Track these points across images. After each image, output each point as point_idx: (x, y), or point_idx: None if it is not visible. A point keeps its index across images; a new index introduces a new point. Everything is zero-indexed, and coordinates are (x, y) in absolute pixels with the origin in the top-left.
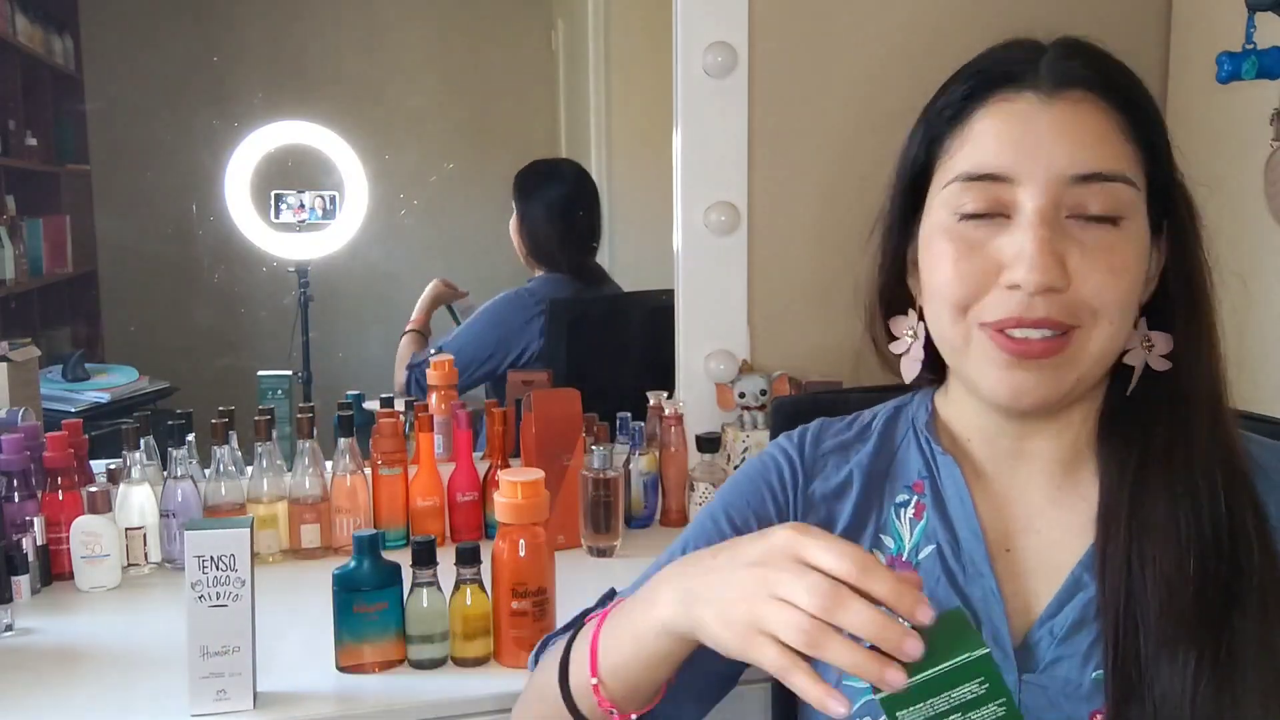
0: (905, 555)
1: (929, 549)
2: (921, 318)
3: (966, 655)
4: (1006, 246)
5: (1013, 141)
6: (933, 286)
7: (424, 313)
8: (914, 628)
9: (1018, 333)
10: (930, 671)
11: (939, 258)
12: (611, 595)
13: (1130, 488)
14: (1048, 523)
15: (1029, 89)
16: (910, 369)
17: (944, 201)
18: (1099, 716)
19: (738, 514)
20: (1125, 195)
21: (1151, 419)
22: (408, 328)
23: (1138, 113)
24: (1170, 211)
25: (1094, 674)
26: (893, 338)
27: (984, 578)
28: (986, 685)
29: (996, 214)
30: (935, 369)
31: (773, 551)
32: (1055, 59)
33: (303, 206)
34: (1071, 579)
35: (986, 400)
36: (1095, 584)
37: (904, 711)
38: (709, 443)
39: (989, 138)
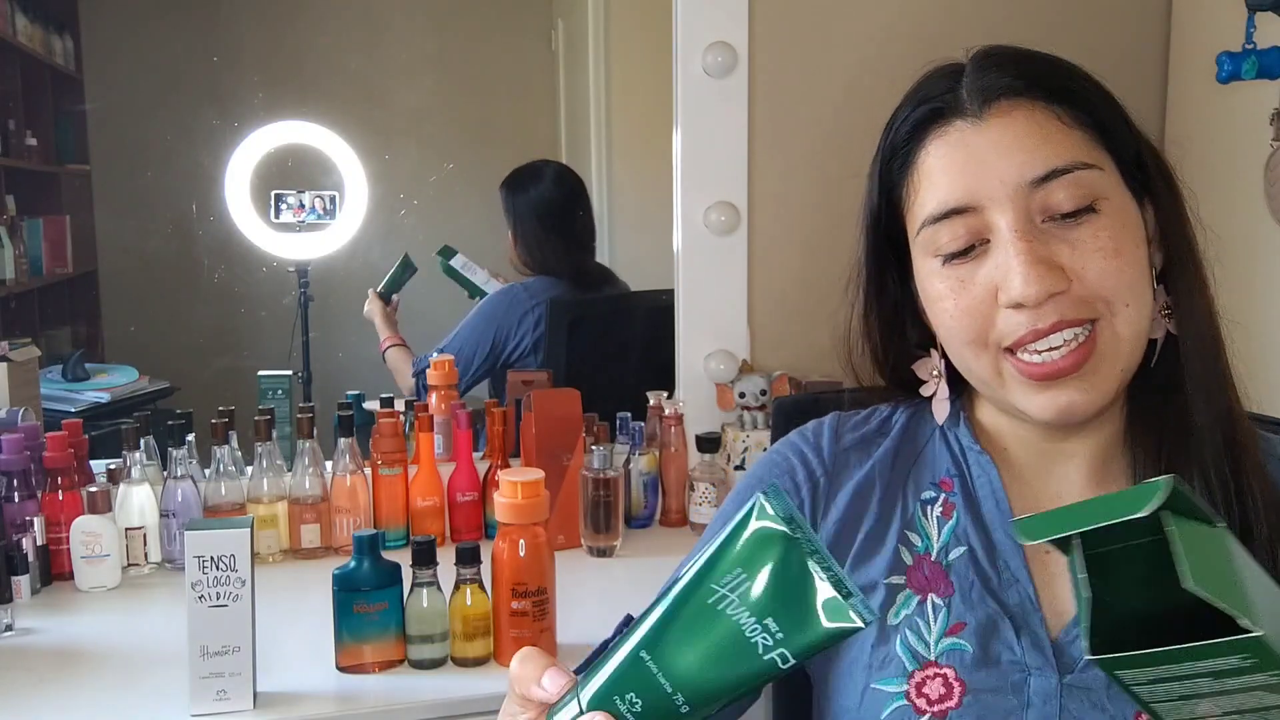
0: (934, 555)
1: (960, 550)
2: (944, 355)
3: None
4: (996, 271)
5: (960, 170)
6: (944, 331)
7: (389, 328)
8: None
9: (1039, 351)
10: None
11: (938, 301)
12: (628, 622)
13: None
14: None
15: (957, 117)
16: (941, 410)
17: (923, 248)
18: (1144, 717)
19: None
20: (1091, 180)
21: (1166, 388)
22: (386, 344)
23: (1074, 99)
24: (1147, 176)
25: None
26: (916, 380)
27: (1020, 584)
28: (1252, 661)
29: (976, 243)
30: (956, 389)
31: None
32: (973, 77)
33: (303, 206)
34: None
35: (1036, 423)
36: None
37: (1130, 671)
38: (709, 443)
39: (939, 175)
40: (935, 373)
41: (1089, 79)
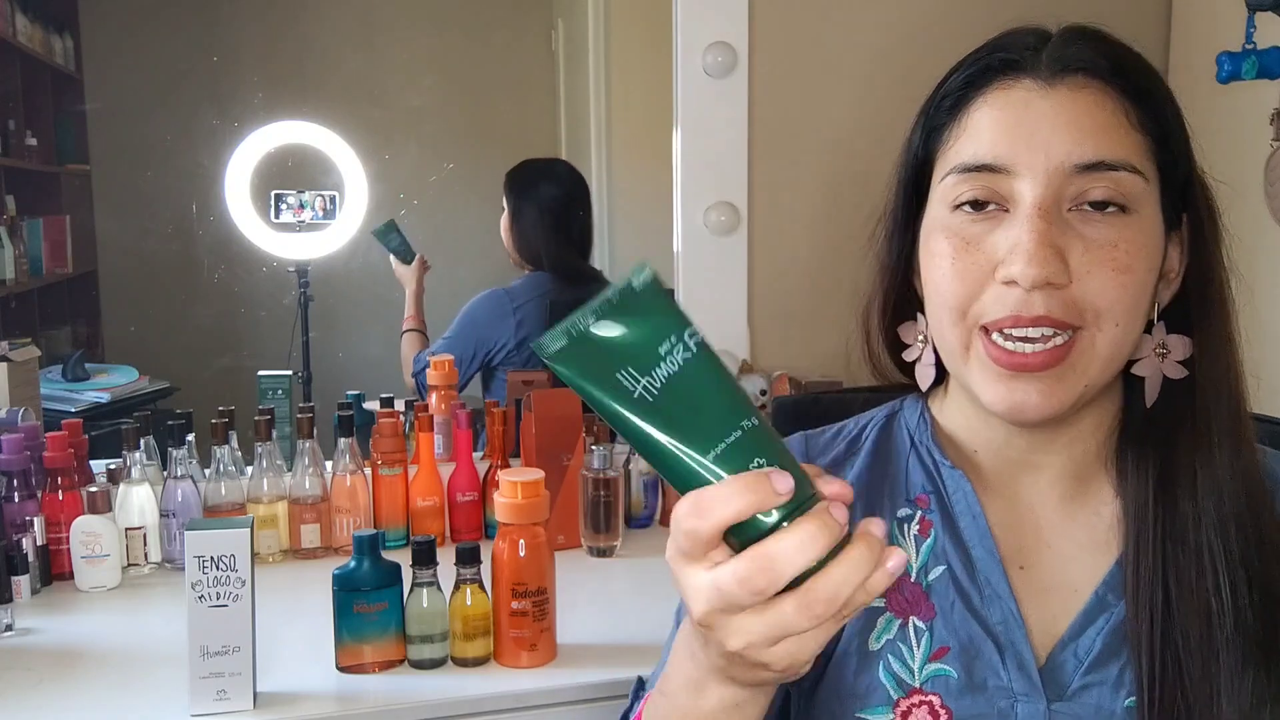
0: (914, 576)
1: (939, 570)
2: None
3: None
4: (1003, 241)
5: (1009, 130)
6: (931, 286)
7: (413, 303)
8: None
9: (1015, 336)
10: None
11: (937, 255)
12: (641, 685)
13: (1156, 507)
14: (1061, 537)
15: (1028, 75)
16: (925, 376)
17: (941, 195)
18: None
19: None
20: (1131, 185)
21: (1171, 431)
22: (405, 326)
23: (1147, 101)
24: (1189, 208)
25: (1127, 701)
26: (900, 344)
27: (1002, 600)
28: None
29: (994, 207)
30: (939, 374)
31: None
32: (1059, 44)
33: (303, 206)
34: (1095, 599)
35: (988, 412)
36: (1122, 606)
37: None
38: None
39: (985, 127)
40: (921, 338)
41: (1168, 92)
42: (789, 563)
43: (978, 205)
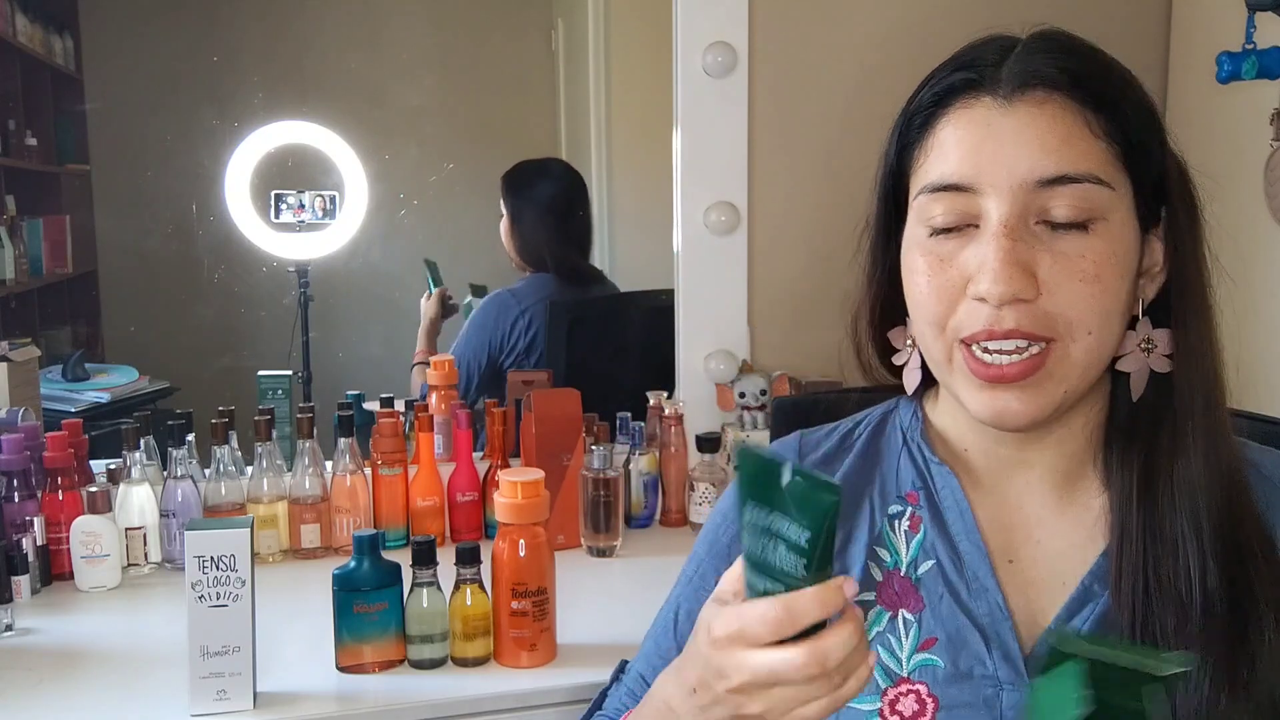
0: (903, 570)
1: (928, 564)
2: None
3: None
4: (973, 258)
5: (973, 150)
6: (912, 301)
7: (425, 339)
8: None
9: (991, 347)
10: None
11: (915, 272)
12: (622, 668)
13: (1140, 501)
14: (1049, 532)
15: (988, 94)
16: (912, 380)
17: (916, 214)
18: None
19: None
20: (1097, 196)
21: (1154, 425)
22: (415, 360)
23: (1110, 108)
24: (1167, 204)
25: None
26: (890, 349)
27: (989, 592)
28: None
29: (965, 225)
30: (930, 376)
31: (710, 675)
32: (1020, 58)
33: (303, 206)
34: (1081, 589)
35: (974, 418)
36: (1107, 596)
37: None
38: (709, 443)
39: (951, 147)
40: (909, 342)
41: (1137, 91)
42: (806, 614)
43: (949, 230)
